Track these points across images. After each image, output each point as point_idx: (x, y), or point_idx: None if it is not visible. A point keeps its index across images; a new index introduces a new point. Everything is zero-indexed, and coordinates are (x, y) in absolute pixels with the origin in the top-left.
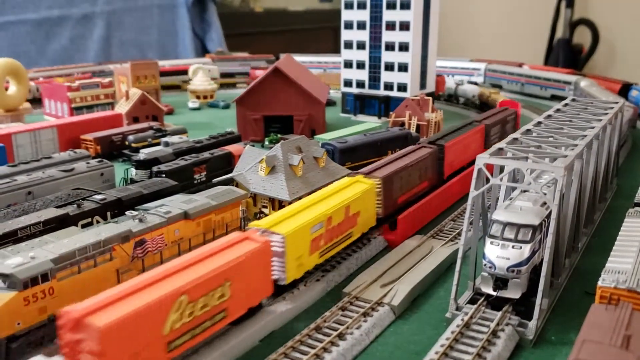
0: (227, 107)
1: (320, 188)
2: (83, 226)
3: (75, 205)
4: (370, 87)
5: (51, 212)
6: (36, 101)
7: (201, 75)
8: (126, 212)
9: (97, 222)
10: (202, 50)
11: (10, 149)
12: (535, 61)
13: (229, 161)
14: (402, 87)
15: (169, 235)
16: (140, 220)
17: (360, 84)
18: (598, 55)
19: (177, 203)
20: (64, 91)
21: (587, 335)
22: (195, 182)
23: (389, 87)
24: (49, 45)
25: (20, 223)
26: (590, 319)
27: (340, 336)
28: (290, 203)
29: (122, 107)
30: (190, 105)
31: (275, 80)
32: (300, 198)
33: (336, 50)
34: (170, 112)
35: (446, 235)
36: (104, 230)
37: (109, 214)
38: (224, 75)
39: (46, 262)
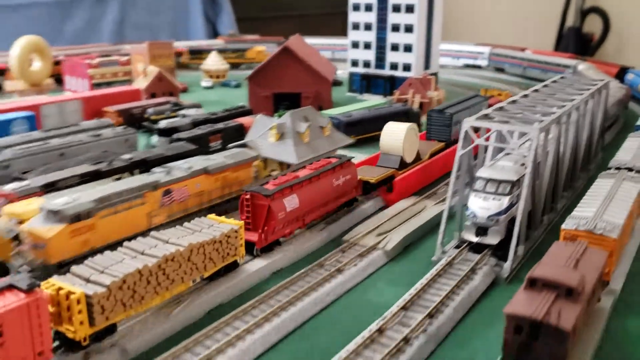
0: (238, 86)
1: (324, 154)
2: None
3: (106, 163)
4: (376, 67)
5: (86, 168)
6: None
7: (214, 56)
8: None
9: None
10: (213, 33)
11: (38, 118)
12: (544, 50)
13: (241, 132)
14: (407, 67)
15: (192, 187)
16: (167, 174)
17: (366, 64)
18: (608, 44)
19: (198, 161)
20: (84, 68)
21: (545, 261)
22: (211, 150)
23: (394, 67)
24: (64, 27)
25: (59, 176)
26: (550, 251)
27: (339, 271)
28: (297, 166)
29: (141, 84)
30: (204, 84)
31: (285, 59)
32: (305, 162)
33: (345, 34)
34: (184, 90)
35: (438, 197)
36: (135, 180)
37: (136, 172)
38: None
39: (89, 202)
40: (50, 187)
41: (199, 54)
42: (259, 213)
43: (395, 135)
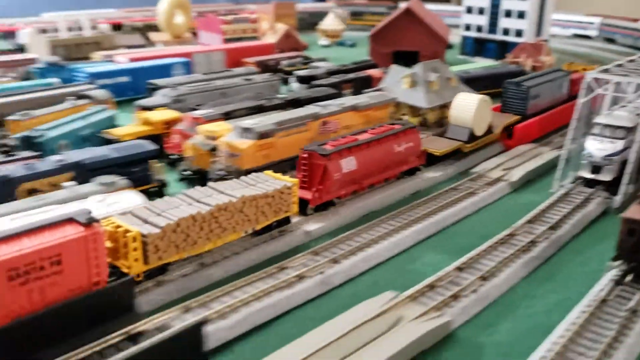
0: (353, 45)
1: (450, 102)
2: None
3: (267, 100)
4: (489, 31)
5: (252, 102)
6: None
7: (331, 18)
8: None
9: None
10: None
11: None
12: None
13: (369, 82)
14: (519, 33)
15: (342, 120)
16: (324, 108)
17: (479, 29)
18: None
19: (347, 100)
20: (218, 24)
21: None
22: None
23: (506, 32)
24: None
25: (233, 107)
26: None
27: (472, 194)
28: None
29: (270, 39)
30: (322, 43)
31: (405, 20)
32: (435, 107)
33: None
34: (305, 48)
35: (554, 145)
36: (301, 112)
37: (289, 108)
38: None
39: (271, 124)
40: (228, 115)
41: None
42: (315, 172)
43: (466, 107)
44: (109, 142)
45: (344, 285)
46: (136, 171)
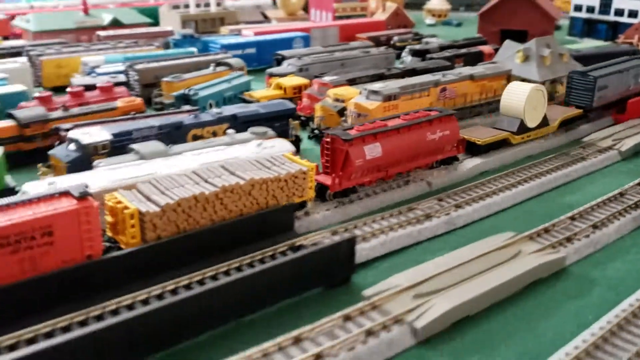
0: (459, 25)
1: (563, 76)
2: None
3: (385, 69)
4: (600, 12)
5: (372, 71)
6: None
7: None
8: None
9: None
10: None
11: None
12: None
13: (480, 57)
14: (634, 14)
15: (460, 88)
16: (443, 76)
17: (590, 9)
18: None
19: (465, 69)
20: (330, 2)
21: None
22: None
23: (619, 13)
24: None
25: (356, 75)
26: None
27: (583, 159)
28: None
29: (380, 17)
30: (428, 21)
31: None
32: (545, 82)
33: None
34: (412, 25)
35: None
36: (423, 78)
37: (406, 77)
38: None
39: (396, 88)
40: (352, 82)
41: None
42: (338, 157)
43: (517, 96)
44: (247, 102)
45: (466, 227)
46: (278, 126)
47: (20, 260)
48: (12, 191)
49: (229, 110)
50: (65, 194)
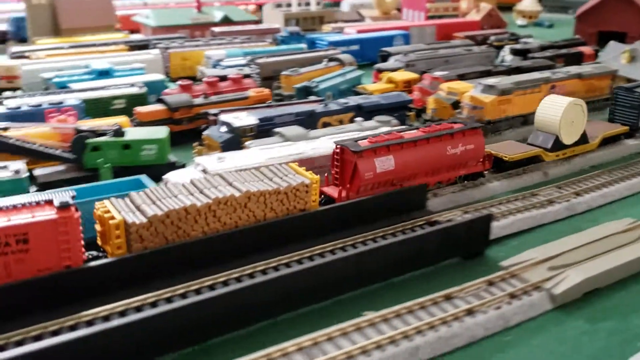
0: (550, 26)
1: None
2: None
3: (491, 67)
4: None
5: (480, 67)
6: None
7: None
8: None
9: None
10: None
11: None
12: None
13: (580, 58)
14: None
15: (568, 86)
16: (553, 74)
17: None
18: None
19: (572, 68)
20: (423, 2)
21: None
22: None
23: None
24: None
25: (465, 71)
26: None
27: None
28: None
29: (474, 17)
30: (519, 22)
31: (614, 0)
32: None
33: None
34: (505, 26)
35: None
36: (535, 75)
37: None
38: None
39: (510, 83)
40: (462, 77)
41: None
42: (347, 169)
43: (552, 110)
44: (359, 95)
45: (585, 213)
46: (397, 116)
47: None
48: (172, 166)
49: (354, 100)
50: (49, 202)
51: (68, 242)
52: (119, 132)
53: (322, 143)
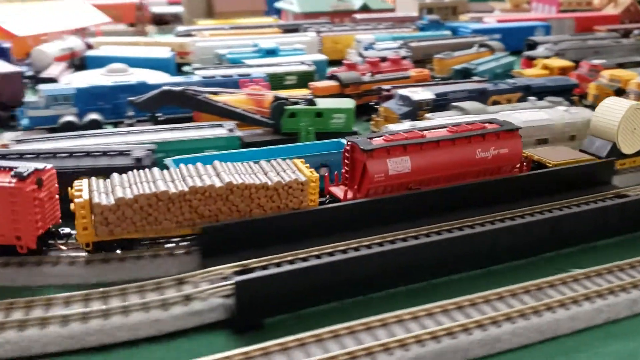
0: None
1: None
2: None
3: None
4: None
5: (637, 58)
6: None
7: None
8: None
9: None
10: None
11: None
12: None
13: None
14: None
15: None
16: None
17: None
18: None
19: None
20: None
21: None
22: None
23: None
24: None
25: (622, 60)
26: None
27: None
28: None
29: (611, 11)
30: None
31: None
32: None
33: None
34: None
35: None
36: None
37: None
38: None
39: None
40: (621, 65)
41: None
42: (357, 169)
43: (611, 114)
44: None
45: None
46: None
47: None
48: (355, 134)
49: (521, 81)
50: (17, 173)
51: (18, 214)
52: (311, 102)
53: (526, 115)
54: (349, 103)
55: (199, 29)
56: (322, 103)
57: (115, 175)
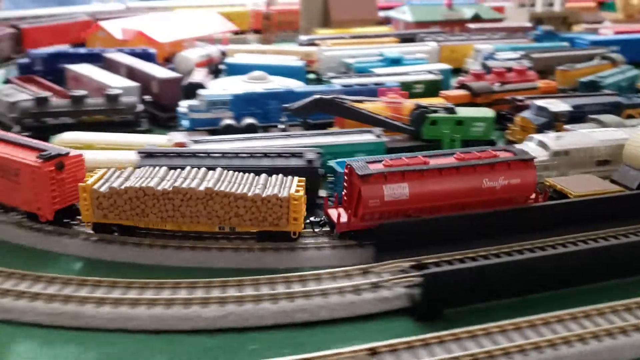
0: None
1: None
2: None
3: None
4: None
5: None
6: None
7: None
8: None
9: None
10: None
11: None
12: None
13: None
14: None
15: None
16: None
17: None
18: None
19: None
20: None
21: None
22: None
23: None
24: None
25: None
26: None
27: None
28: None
29: None
30: None
31: None
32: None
33: None
34: None
35: None
36: None
37: None
38: None
39: None
40: None
41: None
42: (353, 193)
43: None
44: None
45: None
46: None
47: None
48: (492, 143)
49: None
50: (47, 153)
51: (37, 189)
52: (452, 110)
53: None
54: (488, 112)
55: (320, 38)
56: (463, 111)
57: (137, 169)
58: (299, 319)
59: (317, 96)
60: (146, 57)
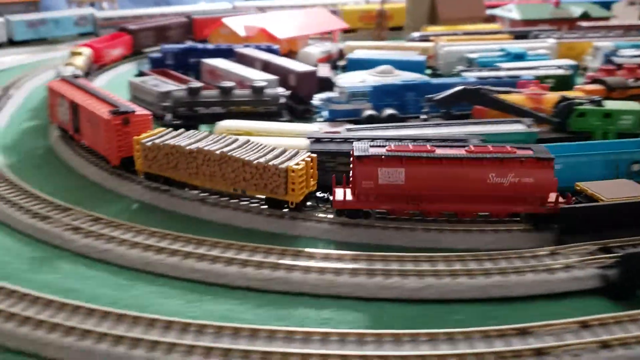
0: None
1: None
2: None
3: None
4: None
5: None
6: None
7: None
8: None
9: None
10: None
11: None
12: None
13: None
14: None
15: None
16: None
17: None
18: None
19: None
20: None
21: None
22: None
23: None
24: None
25: None
26: None
27: None
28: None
29: None
30: None
31: None
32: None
33: None
34: None
35: None
36: None
37: None
38: None
39: None
40: None
41: None
42: (354, 172)
43: None
44: None
45: None
46: None
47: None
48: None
49: None
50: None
51: (110, 138)
52: (599, 103)
53: None
54: (636, 105)
55: (433, 34)
56: (609, 104)
57: (201, 132)
58: (495, 294)
59: (462, 87)
60: (270, 52)
